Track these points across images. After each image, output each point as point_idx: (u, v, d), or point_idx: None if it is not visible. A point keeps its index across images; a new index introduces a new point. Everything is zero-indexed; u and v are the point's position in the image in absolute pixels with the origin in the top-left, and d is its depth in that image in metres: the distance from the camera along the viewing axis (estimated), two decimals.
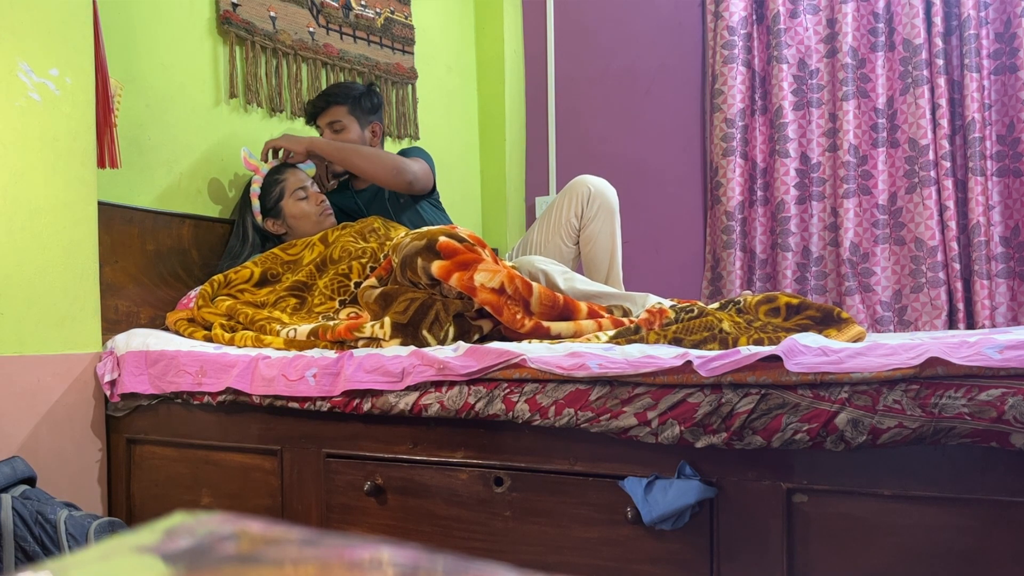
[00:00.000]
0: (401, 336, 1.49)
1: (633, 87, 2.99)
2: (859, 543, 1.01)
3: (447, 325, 1.49)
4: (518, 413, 1.22)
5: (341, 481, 1.43)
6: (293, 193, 2.05)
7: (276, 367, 1.48)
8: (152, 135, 2.02)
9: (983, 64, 2.42)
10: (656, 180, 2.93)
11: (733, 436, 1.05)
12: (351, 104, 2.23)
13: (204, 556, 0.26)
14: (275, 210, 2.06)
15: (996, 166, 2.43)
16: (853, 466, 1.01)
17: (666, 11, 2.93)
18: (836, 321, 1.39)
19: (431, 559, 0.26)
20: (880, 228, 2.55)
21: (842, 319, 1.39)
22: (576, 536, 1.20)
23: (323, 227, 2.05)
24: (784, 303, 1.42)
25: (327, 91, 2.27)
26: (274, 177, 2.07)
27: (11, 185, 1.55)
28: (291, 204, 2.05)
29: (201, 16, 2.16)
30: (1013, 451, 0.90)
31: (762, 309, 1.41)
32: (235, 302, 1.79)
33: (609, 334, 1.45)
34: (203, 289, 1.84)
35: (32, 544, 1.31)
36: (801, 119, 2.67)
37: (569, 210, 2.29)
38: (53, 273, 1.61)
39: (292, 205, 2.05)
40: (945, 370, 0.93)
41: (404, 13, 2.79)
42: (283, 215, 2.05)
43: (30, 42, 1.58)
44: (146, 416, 1.67)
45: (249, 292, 1.85)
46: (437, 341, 1.48)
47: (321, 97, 2.25)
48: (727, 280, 2.72)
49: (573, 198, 2.29)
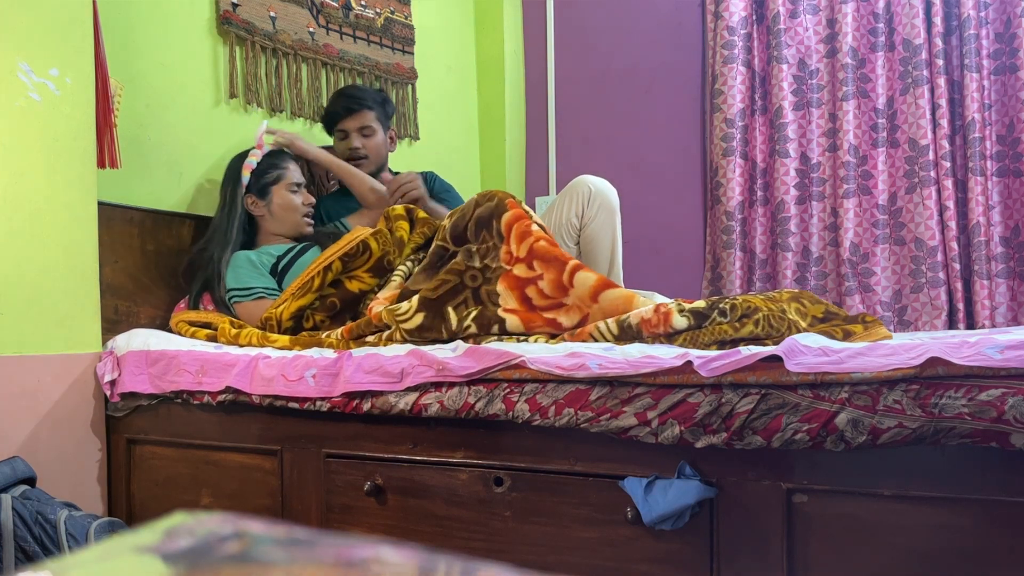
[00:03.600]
0: (426, 311, 1.51)
1: (633, 87, 2.99)
2: (859, 543, 1.01)
3: (472, 308, 1.50)
4: (518, 413, 1.22)
5: (341, 481, 1.43)
6: (288, 185, 2.01)
7: (275, 367, 1.48)
8: (152, 135, 2.02)
9: (983, 64, 2.42)
10: (656, 180, 2.93)
11: (733, 436, 1.05)
12: (378, 110, 2.24)
13: (204, 556, 0.26)
14: (264, 191, 2.00)
15: (996, 166, 2.43)
16: (853, 466, 1.01)
17: (666, 11, 2.93)
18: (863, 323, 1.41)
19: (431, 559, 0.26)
20: (880, 228, 2.54)
21: (867, 321, 1.42)
22: (576, 536, 1.20)
23: (300, 230, 2.02)
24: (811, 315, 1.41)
25: (355, 95, 2.23)
26: (275, 162, 2.03)
27: (11, 185, 1.55)
28: (282, 192, 2.01)
29: (201, 16, 2.16)
30: (1013, 451, 0.90)
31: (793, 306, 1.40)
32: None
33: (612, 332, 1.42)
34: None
35: (32, 544, 1.31)
36: (801, 119, 2.67)
37: (570, 210, 2.29)
38: (53, 273, 1.61)
39: (283, 194, 2.01)
40: (945, 370, 0.93)
41: (404, 13, 2.79)
42: (270, 198, 2.00)
43: (30, 42, 1.58)
44: (146, 416, 1.67)
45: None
46: (458, 318, 1.50)
47: (352, 100, 2.21)
48: (727, 280, 2.72)
49: (574, 198, 2.29)
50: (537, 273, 1.49)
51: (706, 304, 1.31)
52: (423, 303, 1.53)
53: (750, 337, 1.27)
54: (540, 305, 1.48)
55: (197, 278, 1.94)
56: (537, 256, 1.48)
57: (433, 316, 1.52)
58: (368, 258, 1.81)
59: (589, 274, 1.47)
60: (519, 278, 1.50)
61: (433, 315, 1.52)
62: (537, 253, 1.48)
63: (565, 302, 1.48)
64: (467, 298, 1.53)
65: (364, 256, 1.81)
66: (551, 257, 1.49)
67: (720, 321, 1.28)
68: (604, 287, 1.44)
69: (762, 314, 1.28)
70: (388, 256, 1.82)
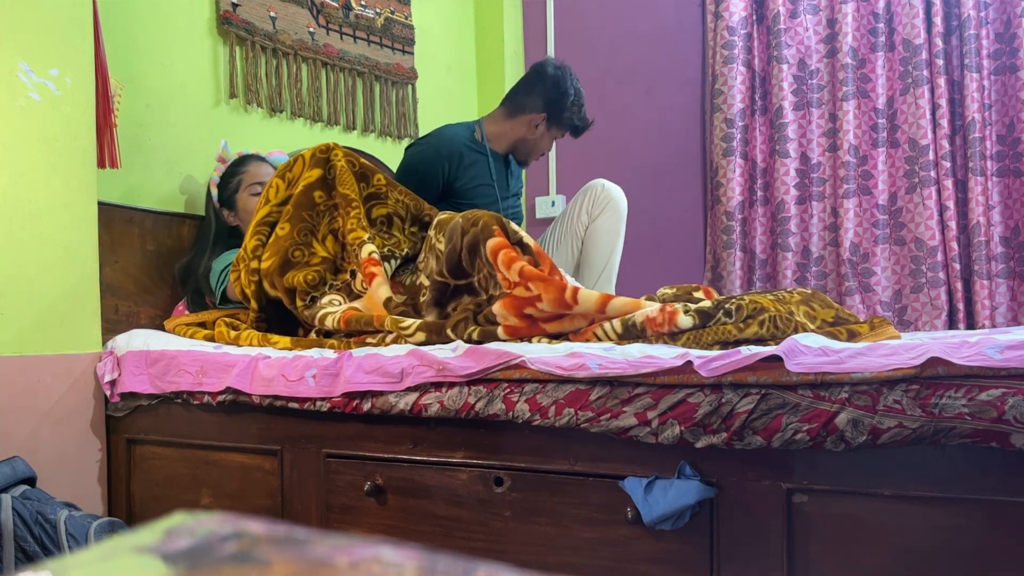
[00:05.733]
0: (428, 332, 1.49)
1: (633, 87, 2.99)
2: (859, 543, 1.01)
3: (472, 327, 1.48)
4: (518, 413, 1.22)
5: (341, 481, 1.43)
6: (248, 187, 1.98)
7: (276, 367, 1.48)
8: (152, 135, 2.02)
9: (983, 64, 2.42)
10: (656, 180, 2.93)
11: (733, 436, 1.05)
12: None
13: (204, 556, 0.26)
14: (230, 201, 1.99)
15: (996, 166, 2.43)
16: (853, 466, 1.01)
17: (666, 11, 2.93)
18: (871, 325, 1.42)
19: (431, 559, 0.26)
20: (880, 228, 2.55)
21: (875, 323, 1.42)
22: (576, 536, 1.20)
23: None
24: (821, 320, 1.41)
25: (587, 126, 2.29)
26: (235, 168, 2.01)
27: (11, 185, 1.55)
28: (244, 197, 1.98)
29: (201, 16, 2.16)
30: (1013, 451, 0.90)
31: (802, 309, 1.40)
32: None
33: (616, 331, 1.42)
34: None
35: (32, 544, 1.31)
36: (801, 119, 2.67)
37: (581, 208, 2.33)
38: (53, 273, 1.61)
39: (245, 198, 1.98)
40: (946, 370, 0.93)
41: (404, 13, 2.79)
42: (236, 206, 1.99)
43: (30, 42, 1.58)
44: (146, 416, 1.67)
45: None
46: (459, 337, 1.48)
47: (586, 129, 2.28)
48: (727, 280, 2.72)
49: (586, 195, 2.34)
50: (535, 294, 1.47)
51: (712, 304, 1.31)
52: (424, 326, 1.52)
53: (754, 338, 1.26)
54: (542, 318, 1.47)
55: (188, 285, 1.96)
56: (530, 278, 1.47)
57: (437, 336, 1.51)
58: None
59: (591, 292, 1.46)
60: (518, 298, 1.49)
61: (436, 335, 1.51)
62: (529, 276, 1.47)
63: (569, 314, 1.47)
64: (467, 318, 1.52)
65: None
66: (545, 278, 1.48)
67: (725, 321, 1.28)
68: (608, 298, 1.43)
69: (768, 315, 1.27)
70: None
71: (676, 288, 1.58)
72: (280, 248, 1.71)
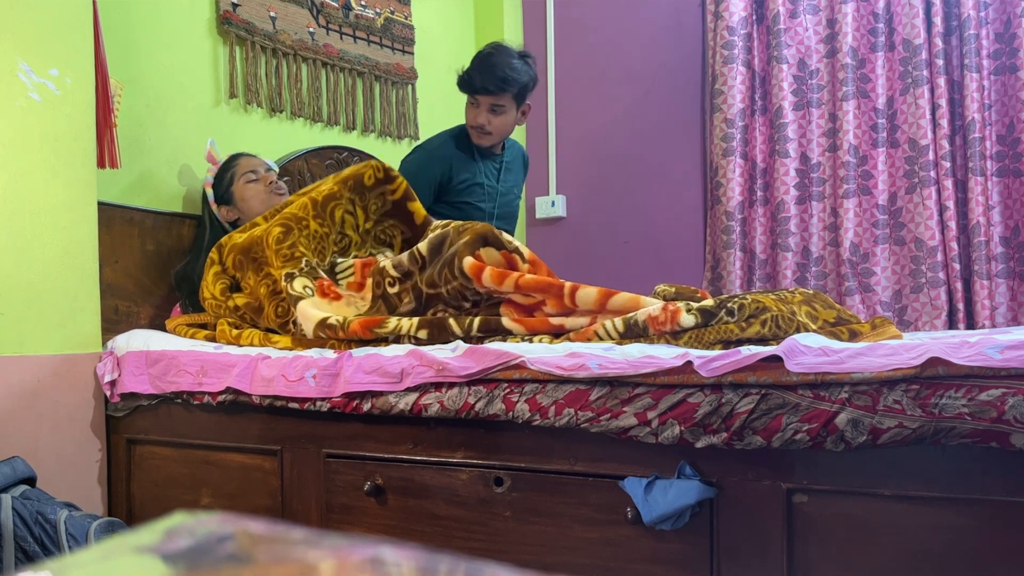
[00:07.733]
0: (429, 328, 1.49)
1: (633, 87, 2.99)
2: (859, 543, 1.01)
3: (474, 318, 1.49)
4: (518, 413, 1.22)
5: (341, 481, 1.43)
6: (243, 176, 1.99)
7: (276, 367, 1.48)
8: (152, 135, 2.02)
9: (983, 64, 2.42)
10: (656, 180, 2.93)
11: (733, 436, 1.05)
12: (518, 92, 2.24)
13: (204, 556, 0.26)
14: (226, 196, 2.00)
15: (996, 166, 2.43)
16: (853, 466, 1.01)
17: (666, 11, 2.93)
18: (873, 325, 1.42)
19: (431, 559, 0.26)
20: (880, 228, 2.54)
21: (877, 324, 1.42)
22: (576, 536, 1.20)
23: (271, 204, 1.96)
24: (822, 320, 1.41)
25: (505, 78, 2.21)
26: (227, 165, 2.03)
27: (11, 185, 1.55)
28: (240, 187, 1.99)
29: (201, 16, 2.16)
30: (1013, 451, 0.90)
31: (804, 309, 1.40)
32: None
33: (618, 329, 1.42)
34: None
35: (32, 544, 1.31)
36: (801, 119, 2.67)
37: None
38: (53, 273, 1.61)
39: (241, 188, 1.99)
40: (946, 370, 0.93)
41: (404, 13, 2.79)
42: (233, 200, 2.00)
43: (30, 42, 1.58)
44: (146, 416, 1.67)
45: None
46: (461, 328, 1.48)
47: (499, 81, 2.20)
48: (727, 280, 2.72)
49: None
50: (537, 300, 1.49)
51: (715, 303, 1.31)
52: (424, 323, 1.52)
53: (756, 338, 1.26)
54: (548, 314, 1.49)
55: (183, 290, 1.96)
56: (528, 288, 1.48)
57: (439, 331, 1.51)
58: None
59: (589, 289, 1.46)
60: (520, 304, 1.50)
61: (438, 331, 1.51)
62: (527, 287, 1.48)
63: (573, 312, 1.48)
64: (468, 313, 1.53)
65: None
66: (544, 285, 1.48)
67: (727, 320, 1.27)
68: (608, 295, 1.43)
69: (770, 315, 1.27)
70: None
71: (675, 287, 1.58)
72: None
